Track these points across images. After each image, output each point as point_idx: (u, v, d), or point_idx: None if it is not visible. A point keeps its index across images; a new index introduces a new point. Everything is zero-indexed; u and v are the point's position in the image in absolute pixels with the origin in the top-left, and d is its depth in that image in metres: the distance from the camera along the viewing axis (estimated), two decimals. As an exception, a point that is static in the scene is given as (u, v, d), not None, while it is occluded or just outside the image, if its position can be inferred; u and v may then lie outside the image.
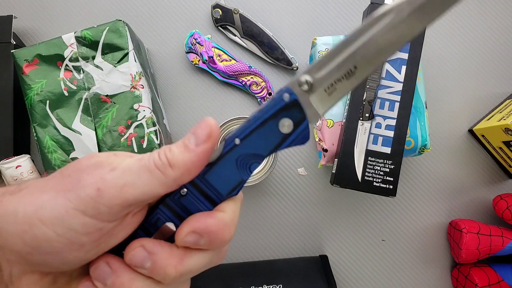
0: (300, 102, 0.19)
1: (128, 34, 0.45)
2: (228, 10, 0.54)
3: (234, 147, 0.19)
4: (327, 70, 0.19)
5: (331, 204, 0.54)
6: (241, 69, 0.53)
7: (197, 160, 0.18)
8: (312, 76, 0.19)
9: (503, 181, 0.54)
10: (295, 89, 0.19)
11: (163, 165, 0.18)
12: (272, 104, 0.19)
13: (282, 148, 0.19)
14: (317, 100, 0.19)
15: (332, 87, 0.19)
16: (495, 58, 0.56)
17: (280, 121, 0.19)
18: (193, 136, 0.19)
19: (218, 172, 0.19)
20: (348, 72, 0.19)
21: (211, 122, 0.19)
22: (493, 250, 0.48)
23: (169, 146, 0.19)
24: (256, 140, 0.19)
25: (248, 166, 0.19)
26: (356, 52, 0.18)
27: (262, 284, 0.46)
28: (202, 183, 0.19)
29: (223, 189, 0.19)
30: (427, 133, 0.45)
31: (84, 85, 0.45)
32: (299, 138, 0.19)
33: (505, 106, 0.52)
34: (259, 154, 0.19)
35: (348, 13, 0.57)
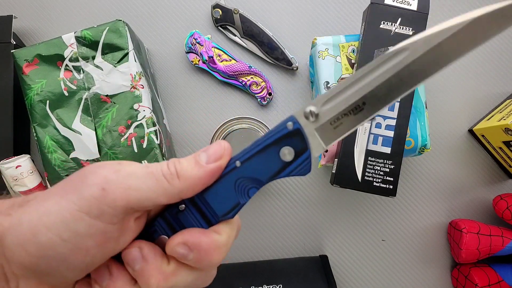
0: (303, 131, 0.19)
1: (128, 34, 0.45)
2: (228, 10, 0.54)
3: (234, 169, 0.19)
4: (335, 102, 0.19)
5: (331, 204, 0.54)
6: (241, 69, 0.53)
7: (204, 177, 0.18)
8: (318, 108, 0.19)
9: (503, 181, 0.54)
10: (299, 119, 0.19)
11: (171, 175, 0.18)
12: (276, 130, 0.19)
13: (281, 176, 0.19)
14: (322, 132, 0.19)
15: (338, 121, 0.19)
16: (495, 58, 0.56)
17: (281, 148, 0.19)
18: (205, 154, 0.19)
19: (217, 191, 0.19)
20: (356, 107, 0.18)
21: (225, 145, 0.19)
22: (493, 250, 0.48)
23: (179, 159, 0.19)
24: (256, 165, 0.19)
25: (247, 191, 0.19)
26: (365, 88, 0.18)
27: (262, 284, 0.46)
28: (200, 201, 0.19)
29: (220, 210, 0.19)
30: (427, 133, 0.45)
31: (84, 85, 0.45)
32: (300, 168, 0.19)
33: (505, 106, 0.52)
34: (258, 179, 0.19)
35: (348, 13, 0.57)
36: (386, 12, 0.43)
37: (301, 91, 0.56)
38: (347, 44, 0.47)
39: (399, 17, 0.43)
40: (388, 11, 0.43)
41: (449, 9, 0.56)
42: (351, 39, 0.47)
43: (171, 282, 0.19)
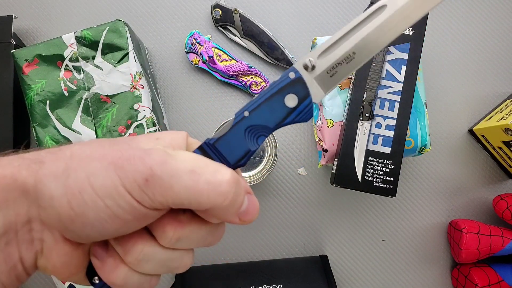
0: (304, 79, 0.21)
1: (128, 34, 0.45)
2: (228, 10, 0.54)
3: (243, 119, 0.21)
4: (329, 54, 0.21)
5: (331, 204, 0.54)
6: (241, 69, 0.53)
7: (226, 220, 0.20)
8: (315, 58, 0.21)
9: (503, 181, 0.54)
10: (299, 68, 0.21)
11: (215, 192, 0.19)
12: (279, 80, 0.21)
13: (287, 122, 0.21)
14: (320, 80, 0.21)
15: (333, 69, 0.21)
16: (495, 58, 0.56)
17: (286, 96, 0.21)
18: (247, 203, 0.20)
19: (228, 141, 0.21)
20: (348, 57, 0.21)
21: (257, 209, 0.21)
22: (493, 250, 0.48)
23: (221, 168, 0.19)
24: (264, 113, 0.21)
25: (256, 138, 0.21)
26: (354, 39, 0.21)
27: (262, 284, 0.46)
28: (212, 151, 0.21)
29: (232, 158, 0.21)
30: (427, 133, 0.45)
31: (84, 85, 0.45)
32: (303, 113, 0.21)
33: (505, 106, 0.52)
34: (266, 126, 0.21)
35: (348, 13, 0.57)
36: (386, 12, 0.43)
37: (301, 91, 0.56)
38: (347, 44, 0.47)
39: (399, 17, 0.43)
40: (388, 11, 0.43)
41: (449, 8, 0.56)
42: (351, 39, 0.47)
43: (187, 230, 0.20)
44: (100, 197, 0.17)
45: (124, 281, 0.20)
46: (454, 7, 0.57)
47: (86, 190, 0.17)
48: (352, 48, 0.21)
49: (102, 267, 0.20)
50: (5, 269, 0.18)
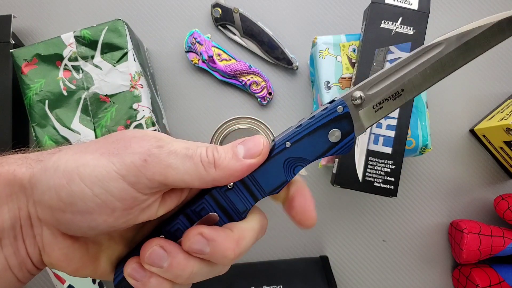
0: (351, 115, 0.20)
1: (127, 34, 0.45)
2: (228, 9, 0.54)
3: (284, 149, 0.20)
4: (378, 89, 0.21)
5: (331, 205, 0.54)
6: (241, 69, 0.53)
7: (240, 171, 0.19)
8: (365, 93, 0.21)
9: (504, 181, 0.54)
10: (348, 102, 0.20)
11: (208, 163, 0.19)
12: (326, 113, 0.20)
13: (327, 155, 0.21)
14: (365, 115, 0.21)
15: (379, 105, 0.21)
16: (496, 58, 0.56)
17: (330, 130, 0.20)
18: (243, 148, 0.20)
19: (266, 170, 0.20)
20: (396, 94, 0.21)
21: (264, 141, 0.20)
22: (494, 250, 0.48)
23: (217, 147, 0.20)
24: (306, 145, 0.20)
25: (293, 168, 0.21)
26: (405, 76, 0.21)
27: (262, 285, 0.46)
28: (250, 179, 0.20)
29: (267, 187, 0.21)
30: (428, 133, 0.45)
31: (83, 84, 0.45)
32: (344, 148, 0.21)
33: (506, 106, 0.52)
34: (305, 158, 0.21)
35: (349, 13, 0.56)
36: (387, 11, 0.43)
37: (301, 91, 0.55)
38: (347, 44, 0.47)
39: (400, 16, 0.42)
40: (389, 11, 0.43)
41: (449, 8, 0.56)
42: (352, 39, 0.47)
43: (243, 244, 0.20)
44: (87, 186, 0.18)
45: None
46: (454, 6, 0.56)
47: (74, 179, 0.18)
48: (402, 85, 0.21)
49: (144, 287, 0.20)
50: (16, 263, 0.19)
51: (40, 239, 0.19)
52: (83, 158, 0.18)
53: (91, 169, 0.18)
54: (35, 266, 0.20)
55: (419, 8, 0.42)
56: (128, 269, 0.20)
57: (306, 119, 0.21)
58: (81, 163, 0.18)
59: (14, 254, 0.19)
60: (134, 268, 0.20)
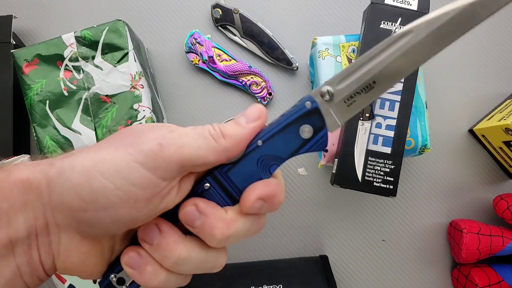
0: (320, 110, 0.20)
1: (128, 34, 0.45)
2: (228, 10, 0.54)
3: (256, 148, 0.20)
4: (348, 82, 0.20)
5: (331, 204, 0.54)
6: (241, 69, 0.53)
7: (247, 134, 0.20)
8: (333, 87, 0.20)
9: (504, 181, 0.54)
10: (316, 98, 0.20)
11: (217, 134, 0.20)
12: (295, 110, 0.20)
13: (301, 152, 0.21)
14: (337, 110, 0.20)
15: (351, 99, 0.20)
16: (495, 58, 0.56)
17: (301, 126, 0.20)
18: (243, 117, 0.21)
19: (240, 170, 0.20)
20: (367, 86, 0.20)
21: (261, 107, 0.21)
22: (493, 250, 0.48)
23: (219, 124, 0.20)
24: (278, 143, 0.20)
25: (268, 167, 0.21)
26: (376, 68, 0.20)
27: (262, 285, 0.46)
28: (224, 179, 0.20)
29: (243, 187, 0.21)
30: (427, 133, 0.45)
31: (84, 85, 0.45)
32: (318, 144, 0.20)
33: (505, 106, 0.52)
34: (279, 156, 0.20)
35: (348, 13, 0.57)
36: (387, 12, 0.43)
37: (301, 91, 0.56)
38: (347, 44, 0.47)
39: (399, 17, 0.43)
40: (388, 11, 0.43)
41: (449, 9, 0.56)
42: (352, 39, 0.47)
43: (233, 228, 0.20)
44: (109, 180, 0.18)
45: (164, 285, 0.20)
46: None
47: (94, 176, 0.18)
48: (373, 77, 0.20)
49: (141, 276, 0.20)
50: (28, 271, 0.19)
51: (56, 246, 0.19)
52: (99, 155, 0.18)
53: (110, 163, 0.18)
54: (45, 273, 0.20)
55: (418, 9, 0.43)
56: (125, 258, 0.20)
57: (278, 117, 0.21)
58: (98, 159, 0.18)
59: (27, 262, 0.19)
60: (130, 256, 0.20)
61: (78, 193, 0.18)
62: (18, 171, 0.19)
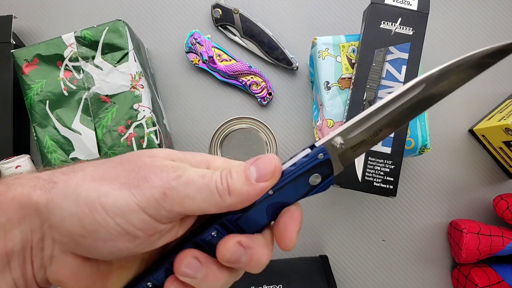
0: (331, 160, 0.21)
1: (128, 34, 0.45)
2: (228, 10, 0.54)
3: (267, 197, 0.20)
4: (358, 132, 0.21)
5: (331, 204, 0.54)
6: (241, 69, 0.53)
7: (254, 194, 0.20)
8: (345, 138, 0.21)
9: (504, 181, 0.54)
10: (328, 149, 0.21)
11: (223, 190, 0.19)
12: (307, 161, 0.20)
13: (307, 196, 0.21)
14: (343, 156, 0.21)
15: (358, 146, 0.21)
16: (495, 58, 0.56)
17: (311, 176, 0.21)
18: (255, 170, 0.20)
19: (249, 218, 0.21)
20: (374, 134, 0.21)
21: (276, 162, 0.20)
22: (493, 250, 0.48)
23: (230, 171, 0.20)
24: (288, 192, 0.21)
25: (275, 212, 0.21)
26: (385, 118, 0.21)
27: (262, 284, 0.46)
28: (233, 226, 0.21)
29: (250, 231, 0.21)
30: (427, 133, 0.45)
31: (84, 85, 0.45)
32: (323, 187, 0.21)
33: (505, 106, 0.52)
34: (287, 202, 0.21)
35: (348, 13, 0.57)
36: (387, 12, 0.43)
37: (301, 91, 0.56)
38: (347, 44, 0.47)
39: (399, 17, 0.43)
40: (388, 11, 0.43)
41: (449, 8, 0.56)
42: (351, 39, 0.47)
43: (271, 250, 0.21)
44: (110, 216, 0.18)
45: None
46: (454, 6, 0.56)
47: (97, 209, 0.18)
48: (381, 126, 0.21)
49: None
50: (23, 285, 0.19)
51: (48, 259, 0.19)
52: (103, 187, 0.18)
53: (113, 199, 0.18)
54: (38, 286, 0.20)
55: (418, 9, 0.43)
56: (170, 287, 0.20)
57: (287, 165, 0.21)
58: (102, 192, 0.18)
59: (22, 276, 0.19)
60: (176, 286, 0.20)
61: (81, 221, 0.18)
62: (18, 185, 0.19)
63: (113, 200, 0.18)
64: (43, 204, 0.18)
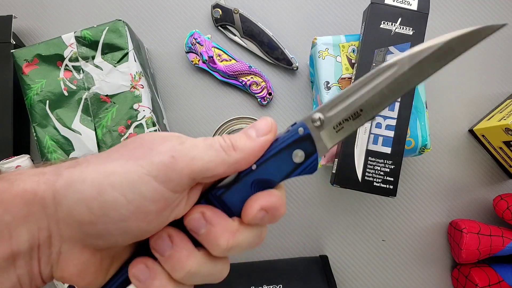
0: (312, 136, 0.21)
1: (128, 34, 0.45)
2: (228, 10, 0.54)
3: (250, 172, 0.21)
4: (337, 110, 0.21)
5: (331, 204, 0.54)
6: (241, 69, 0.53)
7: (258, 148, 0.20)
8: (324, 114, 0.21)
9: (504, 181, 0.54)
10: (308, 124, 0.21)
11: (228, 147, 0.20)
12: (288, 136, 0.21)
13: (293, 176, 0.21)
14: (326, 135, 0.22)
15: (340, 125, 0.22)
16: (495, 58, 0.56)
17: (293, 151, 0.21)
18: (254, 129, 0.21)
19: (234, 193, 0.21)
20: (355, 114, 0.21)
21: (270, 119, 0.21)
22: (493, 250, 0.48)
23: (231, 135, 0.20)
24: (271, 167, 0.21)
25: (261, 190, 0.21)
26: (363, 97, 0.21)
27: (262, 284, 0.46)
28: (218, 202, 0.21)
29: (236, 209, 0.21)
30: (427, 133, 0.45)
31: (84, 85, 0.45)
32: (309, 168, 0.21)
33: (505, 106, 0.52)
34: (272, 180, 0.21)
35: (348, 13, 0.57)
36: (387, 12, 0.43)
37: (301, 91, 0.56)
38: (347, 44, 0.47)
39: (399, 17, 0.43)
40: (388, 11, 0.43)
41: (449, 9, 0.56)
42: (351, 39, 0.47)
43: (238, 238, 0.20)
44: (121, 194, 0.18)
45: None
46: (454, 6, 0.56)
47: (106, 189, 0.18)
48: (360, 106, 0.21)
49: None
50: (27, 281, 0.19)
51: (56, 256, 0.19)
52: (109, 167, 0.18)
53: (122, 175, 0.18)
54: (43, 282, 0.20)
55: (418, 9, 0.43)
56: (133, 270, 0.20)
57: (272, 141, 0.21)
58: (109, 171, 0.18)
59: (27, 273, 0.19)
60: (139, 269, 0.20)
61: (89, 206, 0.18)
62: (21, 181, 0.18)
63: (122, 176, 0.18)
64: (50, 198, 0.18)
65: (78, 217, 0.18)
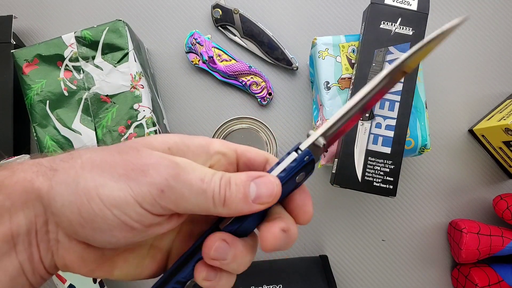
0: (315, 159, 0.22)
1: (128, 34, 0.45)
2: (228, 10, 0.54)
3: None
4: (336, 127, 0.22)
5: (331, 204, 0.54)
6: (241, 69, 0.53)
7: (246, 212, 0.20)
8: (326, 139, 0.22)
9: (503, 181, 0.54)
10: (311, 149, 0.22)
11: (219, 201, 0.20)
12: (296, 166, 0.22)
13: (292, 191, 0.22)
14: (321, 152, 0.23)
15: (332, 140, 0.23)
16: (495, 58, 0.56)
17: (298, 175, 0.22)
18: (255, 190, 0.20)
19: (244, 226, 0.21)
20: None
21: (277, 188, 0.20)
22: (493, 250, 0.48)
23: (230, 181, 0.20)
24: None
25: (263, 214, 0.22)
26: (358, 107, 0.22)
27: (262, 284, 0.46)
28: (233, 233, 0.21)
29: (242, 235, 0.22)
30: (427, 133, 0.45)
31: (84, 85, 0.45)
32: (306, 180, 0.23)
33: (505, 106, 0.52)
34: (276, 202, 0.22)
35: (348, 13, 0.57)
36: (386, 12, 0.43)
37: (301, 91, 0.56)
38: (347, 44, 0.47)
39: (399, 17, 0.43)
40: (388, 11, 0.43)
41: (449, 9, 0.56)
42: (351, 39, 0.47)
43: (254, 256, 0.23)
44: (107, 207, 0.18)
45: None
46: (454, 7, 0.57)
47: (94, 199, 0.18)
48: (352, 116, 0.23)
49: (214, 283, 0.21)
50: (30, 269, 0.19)
51: (54, 243, 0.20)
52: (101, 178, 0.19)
53: (110, 191, 0.18)
54: (47, 271, 0.20)
55: (418, 9, 0.43)
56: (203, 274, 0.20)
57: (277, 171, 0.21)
58: (99, 183, 0.18)
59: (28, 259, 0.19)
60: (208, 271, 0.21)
61: (79, 210, 0.18)
62: (22, 170, 0.19)
63: (110, 191, 0.18)
64: (45, 191, 0.19)
65: (69, 216, 0.19)
